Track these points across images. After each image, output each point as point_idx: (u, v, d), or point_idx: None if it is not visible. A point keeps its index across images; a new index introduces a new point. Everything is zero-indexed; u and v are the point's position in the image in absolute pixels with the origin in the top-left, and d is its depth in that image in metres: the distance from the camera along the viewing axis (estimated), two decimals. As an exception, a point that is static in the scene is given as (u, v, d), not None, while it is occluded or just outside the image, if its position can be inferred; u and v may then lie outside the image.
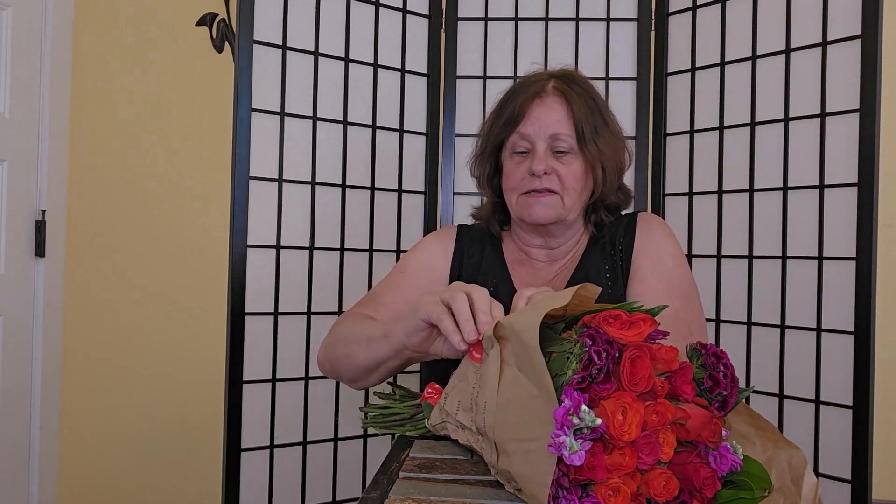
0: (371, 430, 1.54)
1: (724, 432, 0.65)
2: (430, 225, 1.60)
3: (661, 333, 0.69)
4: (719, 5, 1.48)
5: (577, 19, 1.59)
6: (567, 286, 1.10)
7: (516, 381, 0.66)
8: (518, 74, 1.59)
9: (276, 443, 1.44)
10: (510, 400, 0.66)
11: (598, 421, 0.59)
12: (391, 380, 1.07)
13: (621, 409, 0.60)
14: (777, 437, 0.72)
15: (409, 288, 1.13)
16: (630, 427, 0.60)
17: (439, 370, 1.15)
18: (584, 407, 0.59)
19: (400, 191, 1.57)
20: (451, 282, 1.16)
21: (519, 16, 1.60)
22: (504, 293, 1.11)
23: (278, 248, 1.44)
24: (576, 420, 0.59)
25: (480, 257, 1.18)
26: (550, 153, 1.07)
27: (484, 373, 0.71)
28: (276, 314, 1.44)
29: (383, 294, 1.13)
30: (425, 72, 1.60)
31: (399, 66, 1.57)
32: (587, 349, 0.62)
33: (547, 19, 1.59)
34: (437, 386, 0.86)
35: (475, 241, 1.21)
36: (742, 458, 0.65)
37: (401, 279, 1.15)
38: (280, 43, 1.42)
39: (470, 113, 1.61)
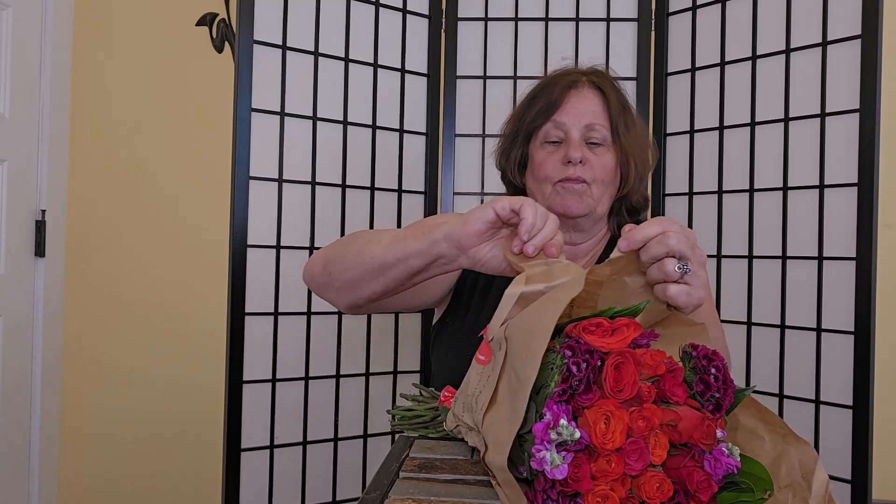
0: (371, 430, 1.54)
1: (719, 433, 0.65)
2: (430, 225, 1.60)
3: (646, 337, 0.68)
4: (719, 5, 1.48)
5: (577, 19, 1.59)
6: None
7: (509, 379, 0.65)
8: (518, 74, 1.59)
9: (276, 443, 1.44)
10: (503, 397, 0.66)
11: (577, 434, 0.59)
12: (416, 381, 1.06)
13: (604, 417, 0.60)
14: (786, 432, 0.71)
15: None
16: (614, 435, 0.59)
17: (440, 370, 1.15)
18: (562, 421, 0.59)
19: (400, 191, 1.57)
20: (460, 282, 1.16)
21: (519, 16, 1.60)
22: None
23: (278, 248, 1.44)
24: (553, 435, 0.58)
25: None
26: (584, 144, 1.07)
27: (488, 374, 0.71)
28: (276, 314, 1.44)
29: None
30: (425, 72, 1.60)
31: (399, 66, 1.57)
32: (566, 361, 0.62)
33: (547, 19, 1.59)
34: (454, 389, 0.85)
35: None
36: (740, 459, 0.65)
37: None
38: (280, 43, 1.42)
39: (470, 113, 1.61)
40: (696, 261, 0.74)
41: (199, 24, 1.90)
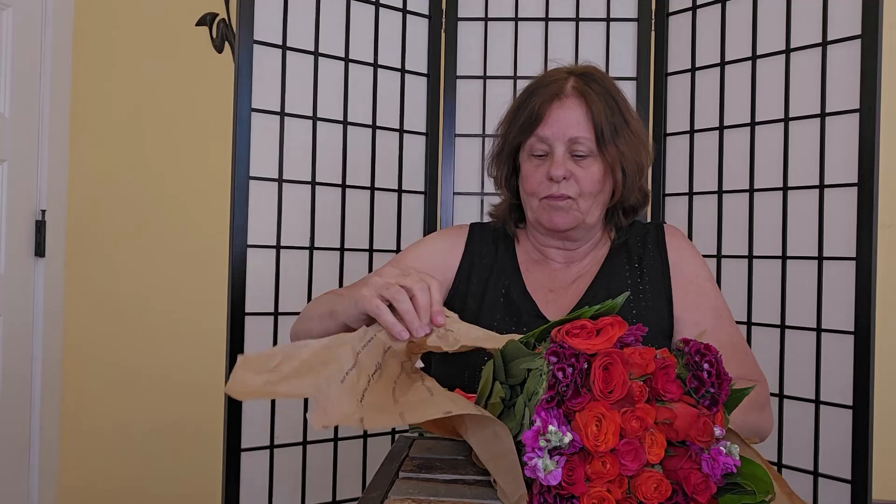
0: (371, 430, 1.54)
1: (718, 431, 0.64)
2: (430, 225, 1.60)
3: (633, 335, 0.68)
4: (719, 5, 1.48)
5: (577, 19, 1.59)
6: (587, 293, 1.08)
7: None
8: (518, 74, 1.59)
9: (276, 443, 1.44)
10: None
11: (567, 439, 0.58)
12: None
13: (595, 420, 0.59)
14: (790, 492, 0.71)
15: None
16: (606, 437, 0.59)
17: (442, 371, 1.14)
18: (551, 427, 0.58)
19: (400, 191, 1.57)
20: (457, 282, 1.15)
21: (519, 16, 1.60)
22: (515, 295, 1.10)
23: (278, 248, 1.44)
24: (543, 442, 0.58)
25: (493, 259, 1.16)
26: (569, 157, 1.05)
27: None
28: (276, 314, 1.44)
29: None
30: (425, 72, 1.60)
31: (399, 66, 1.57)
32: (552, 367, 0.62)
33: (547, 19, 1.59)
34: (463, 392, 0.85)
35: (488, 240, 1.18)
36: (739, 458, 0.65)
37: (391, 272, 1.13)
38: (280, 43, 1.42)
39: (470, 113, 1.61)
40: None
41: (199, 24, 1.90)
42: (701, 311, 1.06)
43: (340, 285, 1.50)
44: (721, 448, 0.64)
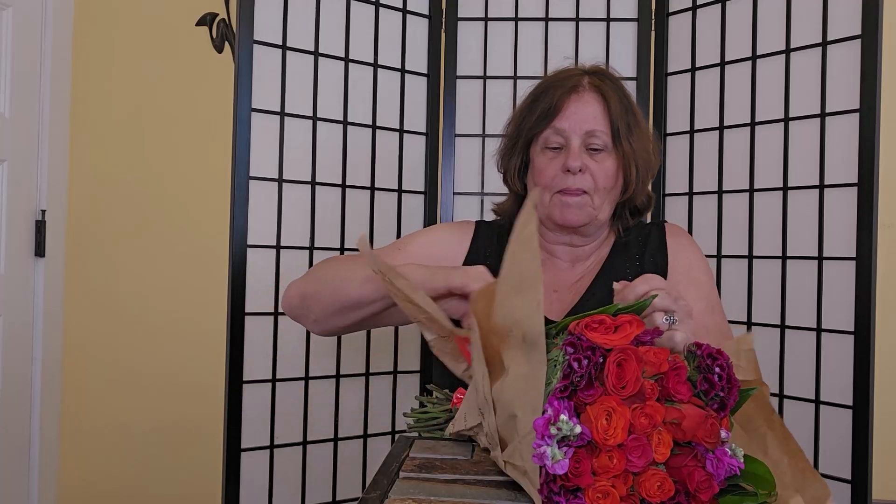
0: (371, 430, 1.54)
1: (723, 433, 0.65)
2: (430, 225, 1.60)
3: (649, 334, 0.68)
4: (719, 5, 1.48)
5: (577, 19, 1.59)
6: (588, 291, 1.09)
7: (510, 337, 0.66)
8: (518, 74, 1.59)
9: (276, 443, 1.44)
10: (510, 359, 0.66)
11: (578, 429, 0.59)
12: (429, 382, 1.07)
13: (606, 413, 0.60)
14: (805, 466, 0.71)
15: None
16: (615, 431, 0.59)
17: (445, 372, 1.14)
18: (562, 417, 0.59)
19: (400, 191, 1.57)
20: None
21: (519, 16, 1.60)
22: None
23: (278, 248, 1.44)
24: (554, 430, 0.58)
25: (497, 259, 1.15)
26: (584, 150, 1.06)
27: (477, 354, 0.71)
28: (276, 314, 1.44)
29: None
30: (425, 72, 1.60)
31: (399, 66, 1.57)
32: (567, 357, 0.62)
33: (547, 19, 1.59)
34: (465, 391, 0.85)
35: (493, 240, 1.18)
36: (743, 459, 0.65)
37: (395, 255, 1.10)
38: (280, 43, 1.42)
39: (470, 113, 1.61)
40: (680, 311, 0.82)
41: (199, 24, 1.90)
42: (690, 299, 1.06)
43: (340, 285, 1.50)
44: (726, 449, 0.64)
